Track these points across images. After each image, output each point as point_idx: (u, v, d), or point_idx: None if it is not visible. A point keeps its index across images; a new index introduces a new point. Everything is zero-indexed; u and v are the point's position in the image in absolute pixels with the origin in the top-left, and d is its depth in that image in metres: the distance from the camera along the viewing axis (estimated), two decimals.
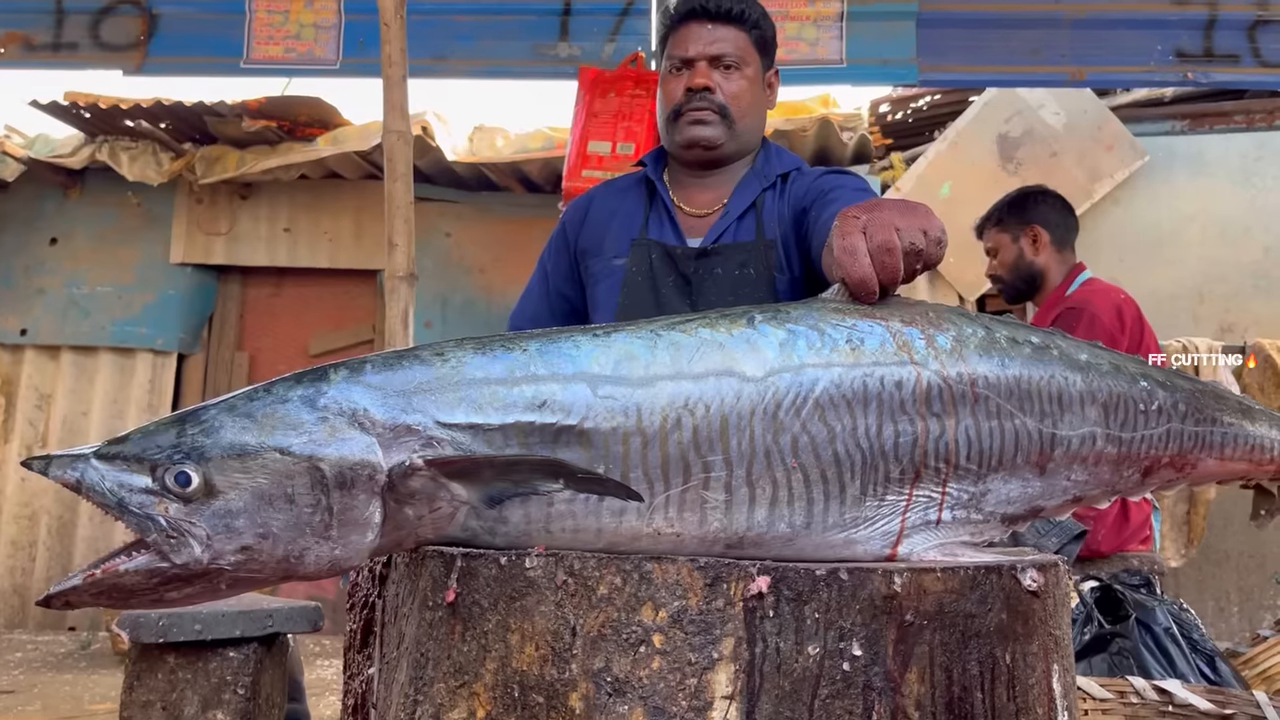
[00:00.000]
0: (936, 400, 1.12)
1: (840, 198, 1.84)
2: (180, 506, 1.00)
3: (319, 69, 4.74)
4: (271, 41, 4.82)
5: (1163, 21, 4.41)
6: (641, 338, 1.10)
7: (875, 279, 1.16)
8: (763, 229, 1.94)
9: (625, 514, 1.06)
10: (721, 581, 0.95)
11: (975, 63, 4.52)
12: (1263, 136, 5.71)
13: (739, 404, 1.07)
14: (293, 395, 1.04)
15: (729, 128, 1.94)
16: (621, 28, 4.62)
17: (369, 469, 1.02)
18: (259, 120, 5.39)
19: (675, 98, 1.96)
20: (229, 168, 5.60)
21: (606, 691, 0.92)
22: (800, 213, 1.91)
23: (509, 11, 4.65)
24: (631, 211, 2.05)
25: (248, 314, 6.30)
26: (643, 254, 1.97)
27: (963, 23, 4.46)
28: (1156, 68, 4.45)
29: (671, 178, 2.07)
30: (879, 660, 1.00)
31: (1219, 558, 5.27)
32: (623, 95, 4.47)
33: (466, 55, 4.64)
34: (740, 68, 1.95)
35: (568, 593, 0.95)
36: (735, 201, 1.97)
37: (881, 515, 1.12)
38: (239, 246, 6.12)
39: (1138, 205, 5.61)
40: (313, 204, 6.07)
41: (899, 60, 4.49)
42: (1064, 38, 4.43)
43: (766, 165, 2.02)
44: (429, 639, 1.00)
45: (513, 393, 1.05)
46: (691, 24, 1.96)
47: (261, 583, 1.06)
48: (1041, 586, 1.11)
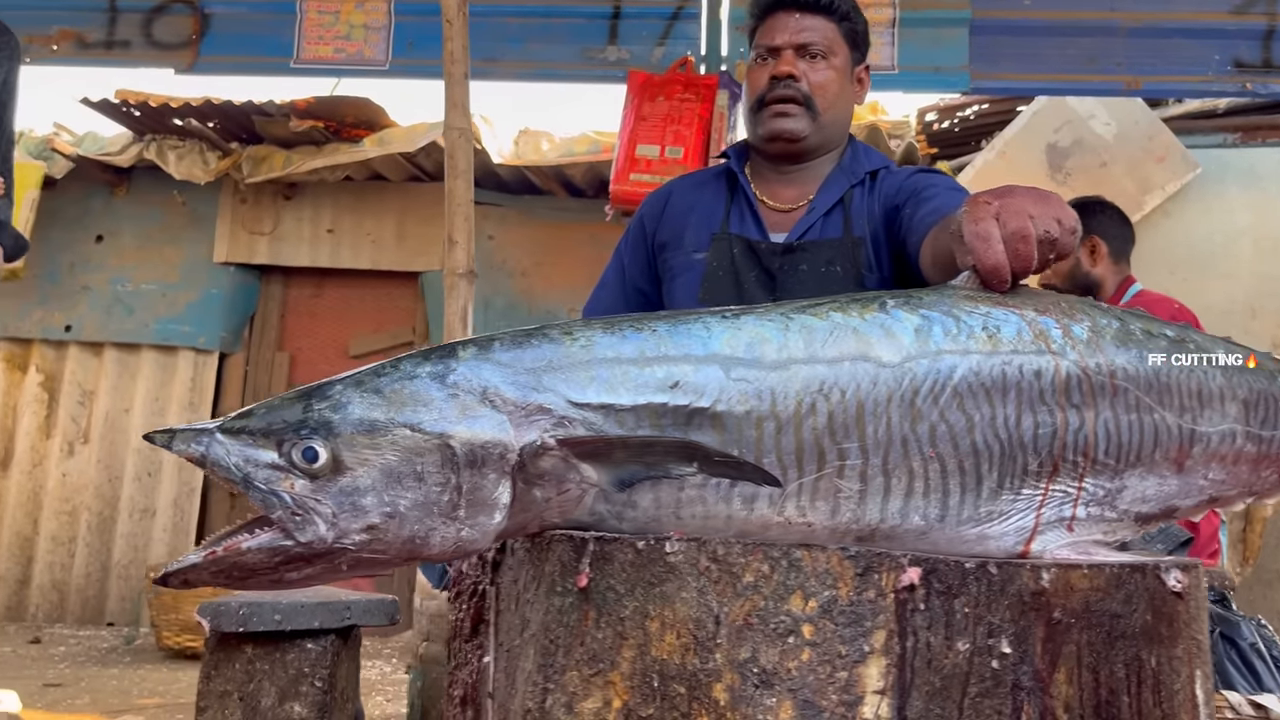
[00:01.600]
0: (1075, 391, 1.08)
1: (936, 195, 1.80)
2: (306, 483, 0.98)
3: (368, 69, 4.75)
4: (322, 41, 4.84)
5: (1221, 31, 4.35)
6: (773, 320, 1.07)
7: (1008, 267, 1.12)
8: (851, 226, 1.91)
9: (757, 501, 1.03)
10: (873, 571, 0.91)
11: (1029, 70, 4.48)
12: None
13: (875, 390, 1.04)
14: (421, 371, 1.02)
15: (813, 119, 1.91)
16: (671, 31, 4.60)
17: (500, 448, 0.99)
18: (306, 120, 5.40)
19: (759, 87, 1.93)
20: (275, 167, 5.62)
21: (753, 683, 0.89)
22: (892, 211, 1.88)
23: (558, 14, 4.64)
24: (712, 205, 2.02)
25: (289, 314, 6.31)
26: (724, 248, 1.94)
27: (1016, 30, 4.41)
28: (1214, 78, 4.39)
29: (754, 171, 2.03)
30: (1027, 659, 0.96)
31: (1271, 577, 5.17)
32: (671, 99, 4.45)
33: (516, 58, 4.64)
34: (827, 57, 1.92)
35: (711, 579, 0.92)
36: (822, 197, 1.94)
37: (1016, 510, 1.09)
38: (282, 246, 6.13)
39: (1189, 218, 5.52)
40: (356, 205, 6.08)
41: (951, 68, 4.45)
42: (1120, 46, 4.38)
43: (854, 162, 1.98)
44: (559, 625, 0.97)
45: (644, 373, 1.03)
46: (779, 13, 1.93)
47: (383, 564, 1.03)
48: (1185, 588, 1.07)
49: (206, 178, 5.74)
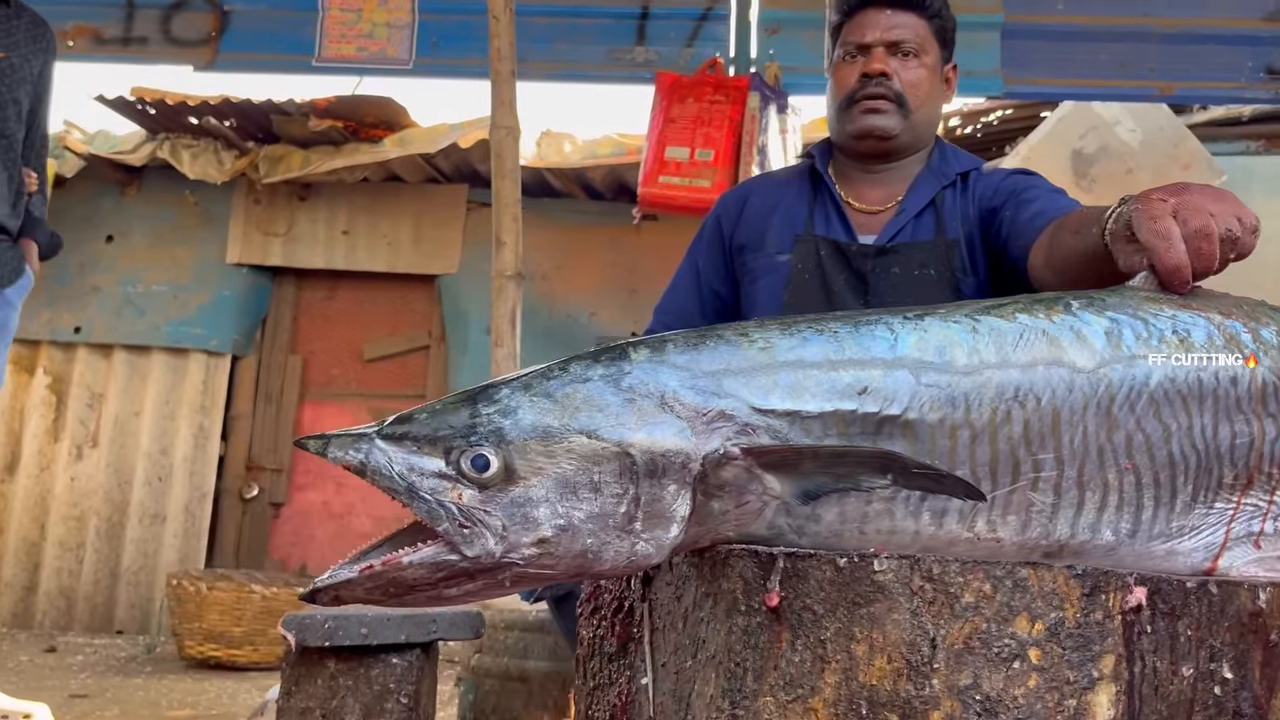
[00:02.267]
0: (1273, 399, 1.03)
1: (1038, 197, 1.75)
2: (475, 493, 0.91)
3: (391, 68, 4.69)
4: (344, 40, 4.77)
5: (1254, 38, 4.33)
6: (958, 322, 1.01)
7: (1190, 267, 1.06)
8: (944, 228, 1.85)
9: (946, 516, 0.97)
10: (1100, 591, 0.85)
11: (1061, 75, 4.45)
12: None
13: (1071, 396, 0.98)
14: (593, 374, 0.95)
15: (905, 118, 1.86)
16: (700, 33, 4.56)
17: (682, 457, 0.92)
18: (325, 120, 5.32)
19: (848, 84, 1.88)
20: (293, 167, 5.54)
21: (975, 711, 0.83)
22: (988, 213, 1.83)
23: (585, 14, 4.59)
24: (794, 206, 1.96)
25: (302, 317, 6.23)
26: (809, 250, 1.88)
27: (1048, 35, 4.39)
28: (1247, 84, 4.37)
29: (838, 172, 1.98)
30: (1247, 684, 0.90)
31: None
32: (701, 101, 4.40)
33: (542, 58, 4.58)
34: (919, 55, 1.87)
35: (925, 600, 0.85)
36: (912, 199, 1.89)
37: (1207, 525, 1.03)
38: (296, 248, 6.05)
39: None
40: (372, 207, 6.00)
41: (984, 72, 4.41)
42: (1153, 52, 4.36)
43: (943, 163, 1.93)
44: (745, 647, 0.90)
45: (831, 377, 0.96)
46: (869, 10, 1.88)
47: (550, 579, 0.97)
48: None
49: (222, 178, 5.65)
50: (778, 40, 4.44)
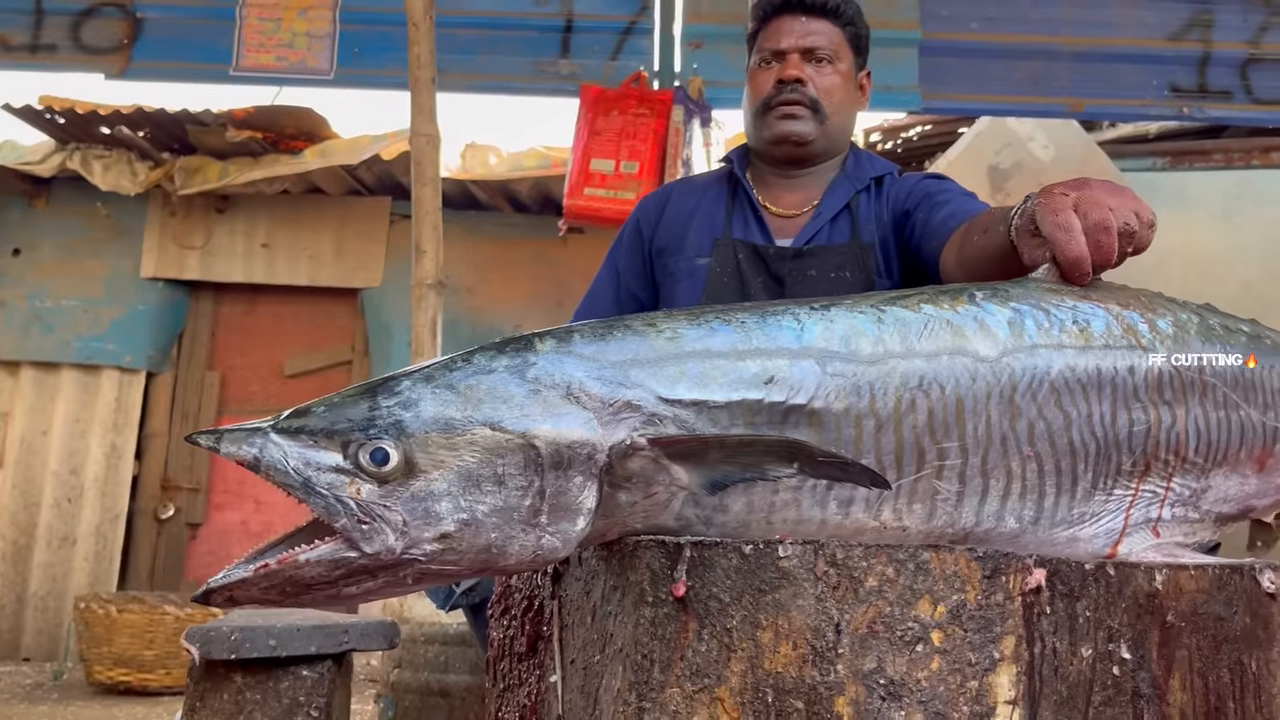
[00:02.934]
0: (1167, 387, 1.05)
1: (949, 200, 1.78)
2: (374, 488, 0.89)
3: (312, 78, 4.63)
4: (263, 49, 4.70)
5: (1159, 57, 4.49)
6: (864, 313, 1.01)
7: (1089, 259, 1.08)
8: (859, 232, 1.88)
9: (853, 505, 0.97)
10: (1000, 574, 0.86)
11: (976, 91, 4.56)
12: (1241, 175, 5.83)
13: (975, 386, 0.99)
14: (498, 365, 0.94)
15: (820, 123, 1.88)
16: (624, 46, 4.58)
17: (588, 448, 0.91)
18: (244, 130, 5.21)
19: (765, 90, 1.89)
20: (210, 179, 5.41)
21: (880, 695, 0.82)
22: (902, 216, 1.85)
23: (509, 26, 4.59)
24: (713, 210, 1.97)
25: (220, 332, 6.08)
26: (728, 253, 1.89)
27: (964, 52, 4.50)
28: (1153, 101, 4.53)
29: (756, 177, 2.00)
30: (1145, 664, 0.92)
31: None
32: (626, 114, 4.41)
33: (466, 69, 4.57)
34: (833, 62, 1.89)
35: (829, 585, 0.85)
36: (828, 203, 1.91)
37: (1107, 511, 1.05)
38: (214, 261, 5.90)
39: None
40: (293, 219, 5.89)
41: (902, 87, 4.51)
42: (1063, 70, 4.49)
43: (858, 168, 1.96)
44: (652, 639, 0.89)
45: (738, 367, 0.96)
46: (784, 16, 1.90)
47: (453, 576, 0.94)
48: (1278, 589, 1.04)
49: (135, 189, 5.50)
50: (701, 55, 4.48)
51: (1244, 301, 5.67)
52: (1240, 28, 4.51)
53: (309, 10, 4.62)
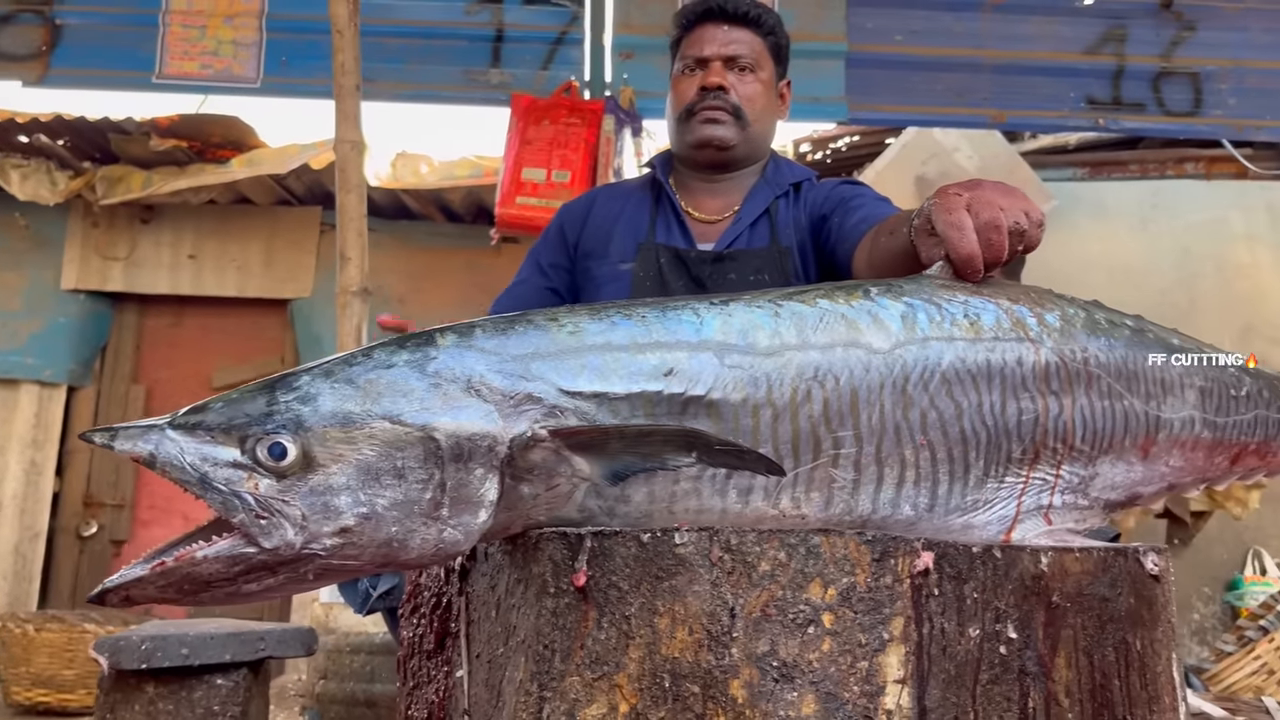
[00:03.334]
0: (1055, 378, 1.09)
1: (864, 205, 1.83)
2: (272, 483, 0.89)
3: (238, 87, 4.58)
4: (186, 57, 4.64)
5: (1075, 70, 4.63)
6: (762, 307, 1.04)
7: (981, 256, 1.12)
8: (778, 236, 1.92)
9: (752, 494, 0.99)
10: (889, 556, 0.88)
11: (901, 102, 4.66)
12: (1156, 185, 6.02)
13: (868, 376, 1.02)
14: (398, 360, 0.94)
15: (742, 129, 1.92)
16: (555, 56, 4.61)
17: (488, 440, 0.92)
18: (168, 139, 5.12)
19: (688, 97, 1.93)
20: (133, 188, 5.29)
21: (773, 677, 0.84)
22: (819, 220, 1.90)
23: (440, 35, 4.59)
24: (636, 215, 2.00)
25: (145, 345, 5.95)
26: (650, 258, 1.92)
27: (889, 64, 4.59)
28: (1070, 113, 4.66)
29: (679, 182, 2.03)
30: (1031, 644, 0.95)
31: None
32: (557, 123, 4.44)
33: (396, 78, 4.56)
34: (755, 70, 1.94)
35: (724, 570, 0.87)
36: (748, 208, 1.95)
37: (999, 498, 1.08)
38: (138, 273, 5.78)
39: (1045, 248, 5.65)
40: (220, 229, 5.79)
41: (829, 98, 4.60)
42: (985, 82, 4.61)
43: (777, 174, 2.00)
44: (553, 629, 0.90)
45: (638, 360, 0.98)
46: (707, 25, 1.94)
47: (354, 572, 0.94)
48: (1161, 571, 1.08)
49: (55, 199, 5.36)
50: (631, 65, 4.52)
51: (1161, 307, 5.86)
52: (1152, 42, 4.66)
53: (235, 18, 4.57)
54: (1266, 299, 5.61)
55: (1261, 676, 2.56)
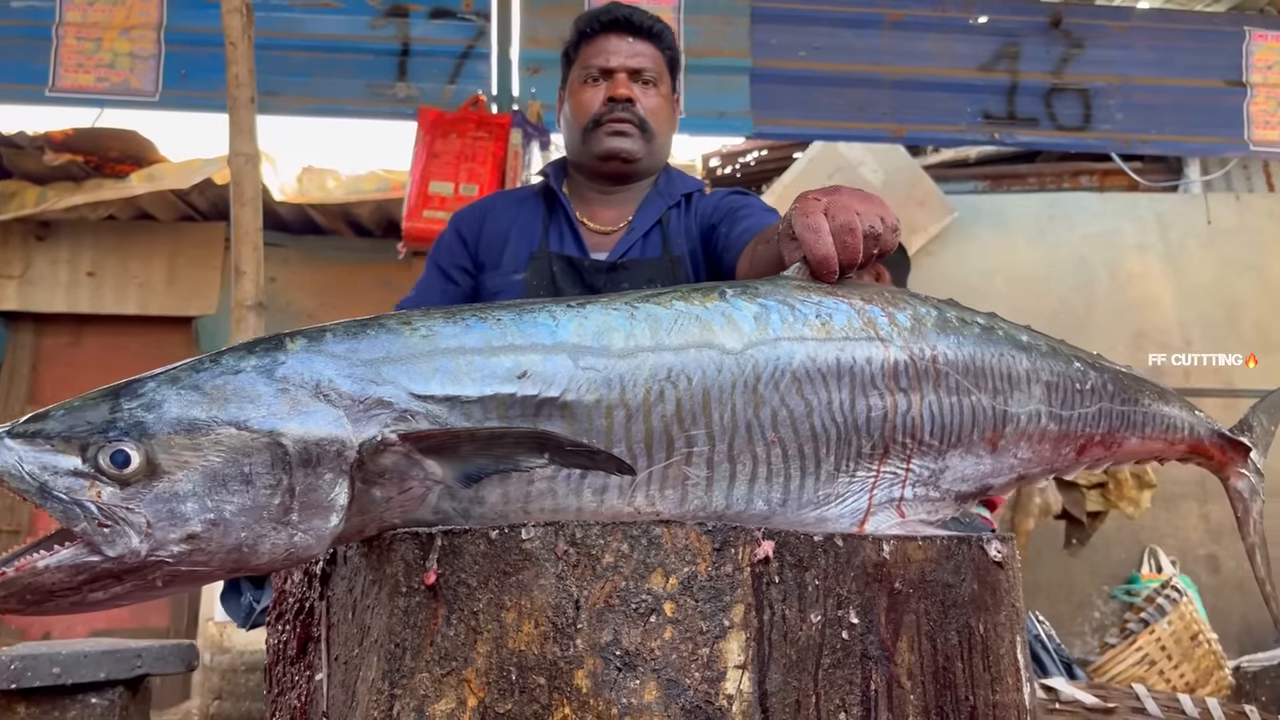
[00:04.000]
0: (903, 375, 1.13)
1: (750, 215, 1.87)
2: (116, 490, 0.88)
3: (135, 100, 4.49)
4: (82, 69, 4.54)
5: (971, 86, 4.78)
6: (618, 309, 1.06)
7: (836, 258, 1.16)
8: (669, 246, 1.95)
9: (607, 492, 1.01)
10: (730, 546, 0.91)
11: (805, 117, 4.76)
12: (1054, 197, 6.24)
13: (720, 376, 1.05)
14: (245, 366, 0.94)
15: (648, 142, 1.95)
16: (462, 71, 4.62)
17: (337, 445, 0.92)
18: (63, 154, 4.99)
19: (593, 107, 1.94)
20: (27, 204, 5.15)
21: (616, 666, 0.86)
22: (708, 230, 1.94)
23: (345, 49, 4.57)
24: (530, 224, 2.02)
25: (41, 365, 5.77)
26: (543, 267, 1.94)
27: (793, 79, 4.69)
28: (967, 127, 4.81)
29: (574, 191, 2.05)
30: (873, 629, 0.98)
31: (1031, 589, 5.59)
32: (464, 136, 4.45)
33: (299, 92, 4.52)
34: (657, 84, 1.97)
35: (569, 564, 0.89)
36: (641, 218, 1.98)
37: (851, 492, 1.12)
38: (34, 291, 5.61)
39: (948, 258, 5.98)
40: (121, 246, 5.66)
41: (735, 113, 4.68)
42: (885, 97, 4.74)
43: (669, 185, 2.03)
44: (405, 627, 0.91)
45: (491, 363, 0.99)
46: (611, 36, 1.96)
47: (204, 579, 0.94)
48: (1005, 558, 1.13)
49: None
50: (538, 79, 4.55)
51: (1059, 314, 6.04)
52: (1043, 59, 4.84)
53: (131, 30, 4.49)
54: (1156, 305, 5.84)
55: (1144, 667, 2.67)
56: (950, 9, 4.83)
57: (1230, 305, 5.76)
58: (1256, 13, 5.33)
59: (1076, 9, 5.01)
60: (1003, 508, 4.59)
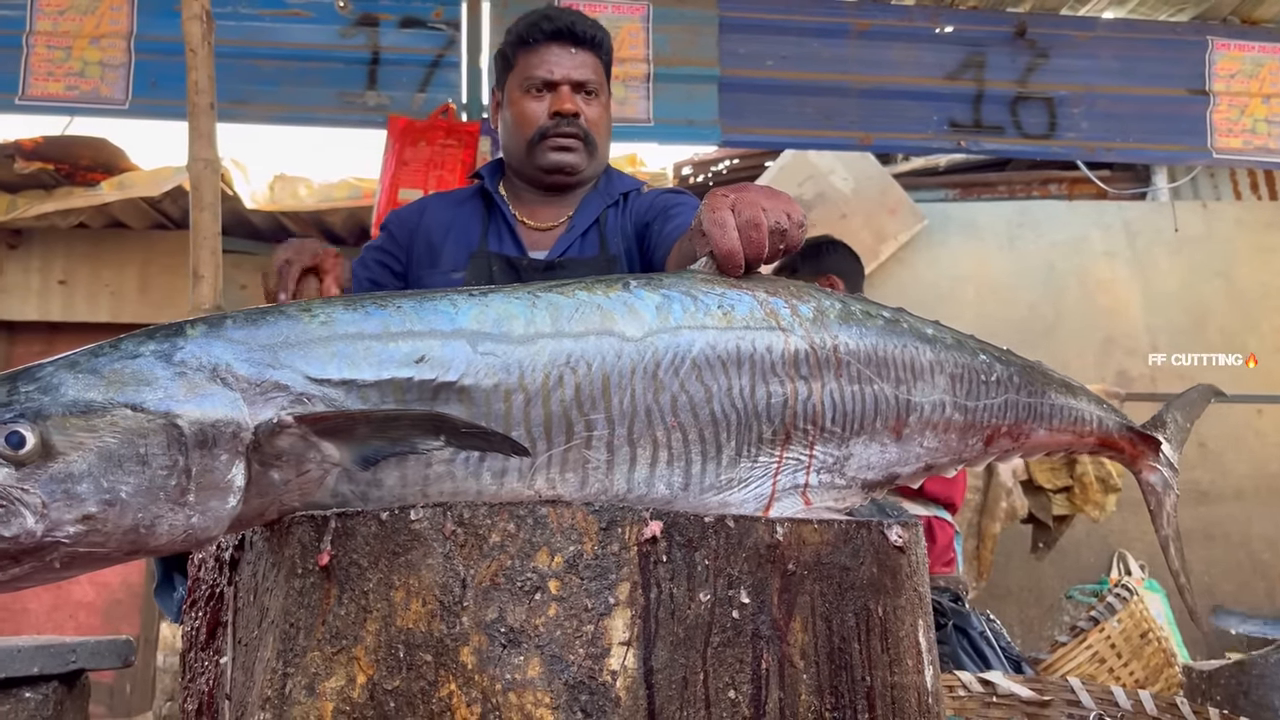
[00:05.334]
0: (804, 364, 1.16)
1: (682, 214, 1.90)
2: (10, 471, 0.90)
3: (105, 108, 4.50)
4: (51, 78, 4.55)
5: (938, 94, 4.83)
6: (520, 298, 1.09)
7: (742, 252, 1.19)
8: (606, 244, 1.97)
9: (506, 475, 1.03)
10: (616, 525, 0.93)
11: (774, 125, 4.80)
12: (1023, 205, 6.29)
13: (620, 362, 1.07)
14: (144, 350, 0.96)
15: (590, 154, 1.98)
16: (432, 79, 4.63)
17: (233, 426, 0.94)
18: (33, 162, 4.99)
19: (538, 120, 1.96)
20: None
21: (501, 643, 0.88)
22: (642, 228, 1.96)
23: (315, 58, 4.58)
24: (468, 224, 2.04)
25: None
26: (482, 265, 1.96)
27: (760, 88, 4.73)
28: (934, 135, 4.85)
29: (511, 191, 2.07)
30: (765, 609, 1.00)
31: (1002, 592, 5.62)
32: (434, 144, 4.47)
33: (269, 100, 4.54)
34: (599, 94, 1.99)
35: (457, 543, 0.91)
36: (579, 218, 2.00)
37: (754, 477, 1.14)
38: (6, 300, 5.60)
39: (919, 265, 6.03)
40: (93, 254, 5.65)
41: (703, 121, 4.72)
42: (853, 105, 4.78)
43: (608, 185, 2.06)
44: (299, 608, 0.93)
45: (389, 348, 1.01)
46: (553, 46, 1.97)
47: (103, 560, 0.96)
48: (906, 542, 1.15)
49: None
50: None
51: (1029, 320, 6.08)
52: (1009, 68, 4.89)
53: (101, 39, 4.50)
54: (1124, 312, 5.89)
55: (1094, 665, 2.69)
56: (917, 19, 4.88)
57: (1197, 312, 5.82)
58: (1219, 22, 5.39)
59: (1042, 19, 5.07)
60: (968, 511, 4.62)
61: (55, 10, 4.54)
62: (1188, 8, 5.38)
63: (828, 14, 4.82)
